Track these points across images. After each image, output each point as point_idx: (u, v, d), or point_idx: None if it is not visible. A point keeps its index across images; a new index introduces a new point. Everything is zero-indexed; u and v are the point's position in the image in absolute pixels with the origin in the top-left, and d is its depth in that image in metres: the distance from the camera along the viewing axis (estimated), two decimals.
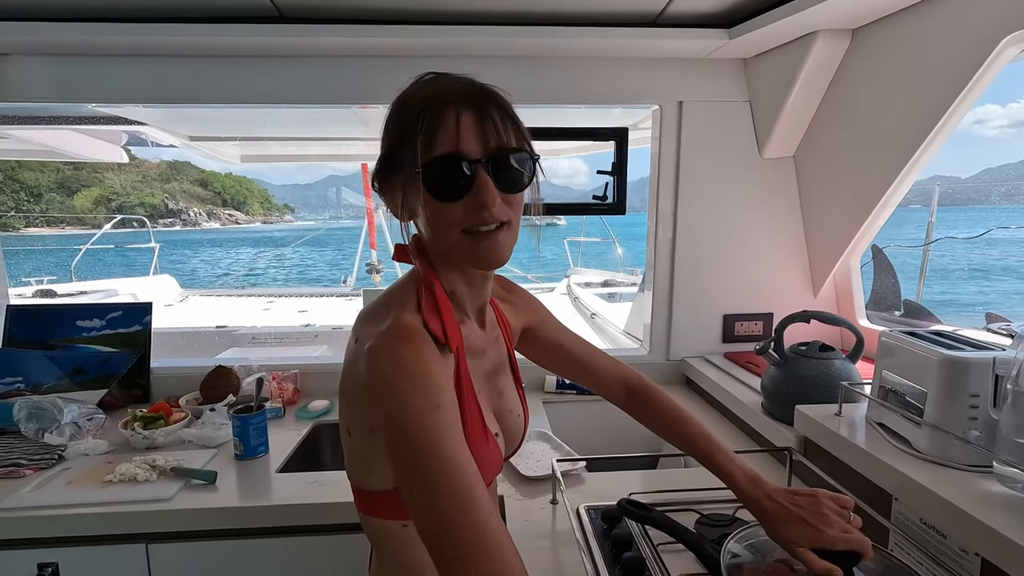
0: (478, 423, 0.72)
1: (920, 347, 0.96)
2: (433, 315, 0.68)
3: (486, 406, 0.76)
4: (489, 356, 0.80)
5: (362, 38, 1.50)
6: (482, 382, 0.77)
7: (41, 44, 1.56)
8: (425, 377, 0.62)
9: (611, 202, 1.79)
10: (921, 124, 1.28)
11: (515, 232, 0.69)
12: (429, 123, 0.64)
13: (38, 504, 1.16)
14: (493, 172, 0.65)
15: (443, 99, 0.65)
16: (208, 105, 1.73)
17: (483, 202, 0.64)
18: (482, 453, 0.70)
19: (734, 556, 0.80)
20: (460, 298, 0.74)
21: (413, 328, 0.65)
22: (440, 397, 0.62)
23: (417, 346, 0.63)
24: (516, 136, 0.67)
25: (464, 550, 0.56)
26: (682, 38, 1.55)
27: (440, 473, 0.59)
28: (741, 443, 1.46)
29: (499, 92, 0.70)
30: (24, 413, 1.42)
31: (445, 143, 0.63)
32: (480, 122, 0.64)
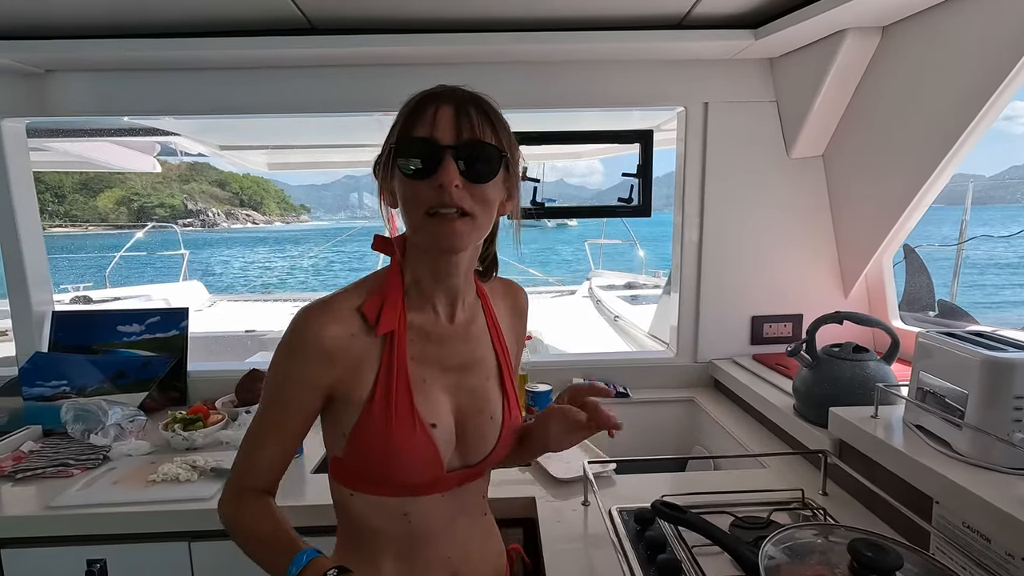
0: (404, 406, 0.75)
1: (960, 348, 0.95)
2: (375, 299, 0.76)
3: (434, 396, 0.78)
4: (453, 351, 0.81)
5: (391, 47, 1.53)
6: (435, 371, 0.79)
7: (83, 61, 1.62)
8: (294, 348, 0.73)
9: (636, 204, 1.79)
10: (956, 121, 1.26)
11: (479, 226, 0.73)
12: (411, 111, 0.73)
13: (87, 503, 1.20)
14: (460, 160, 0.70)
15: (430, 96, 0.73)
16: (240, 116, 1.78)
17: (442, 182, 0.68)
18: (405, 437, 0.74)
19: (772, 559, 0.80)
20: (426, 288, 0.78)
21: (333, 307, 0.75)
22: (292, 369, 0.73)
23: (315, 322, 0.73)
24: (491, 134, 0.72)
25: None
26: (708, 39, 1.54)
27: (252, 423, 0.77)
28: (773, 445, 1.44)
29: (487, 98, 0.76)
30: (71, 415, 1.47)
31: (422, 129, 0.71)
32: (456, 115, 0.71)
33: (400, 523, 0.78)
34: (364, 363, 0.74)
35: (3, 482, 1.30)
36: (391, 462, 0.75)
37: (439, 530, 0.81)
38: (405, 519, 0.78)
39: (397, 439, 0.74)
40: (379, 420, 0.74)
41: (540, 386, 1.59)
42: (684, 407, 1.83)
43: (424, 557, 0.81)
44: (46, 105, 1.70)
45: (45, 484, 1.29)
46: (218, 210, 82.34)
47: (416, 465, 0.76)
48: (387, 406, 0.74)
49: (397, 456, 0.74)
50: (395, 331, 0.76)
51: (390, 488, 0.77)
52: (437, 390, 0.79)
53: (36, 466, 1.34)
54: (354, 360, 0.74)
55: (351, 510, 0.79)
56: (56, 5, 1.37)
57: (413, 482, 0.77)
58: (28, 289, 1.77)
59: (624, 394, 1.81)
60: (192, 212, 78.35)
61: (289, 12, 1.42)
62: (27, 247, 1.76)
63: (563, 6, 1.44)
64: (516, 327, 0.93)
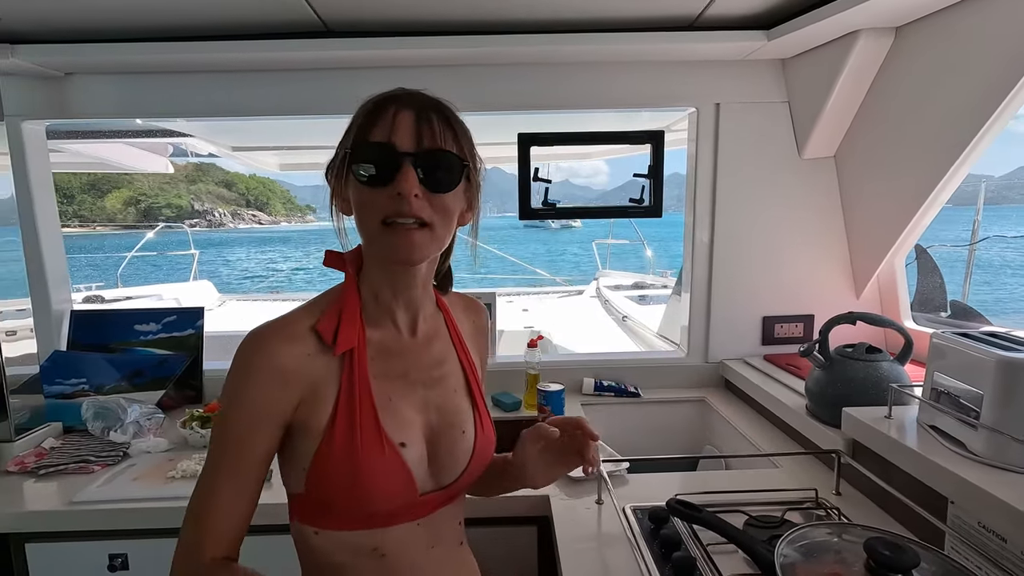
0: (370, 426, 0.70)
1: (975, 348, 0.95)
2: (331, 318, 0.71)
3: (401, 413, 0.73)
4: (417, 364, 0.77)
5: (405, 49, 1.55)
6: (399, 388, 0.74)
7: (101, 64, 1.65)
8: (249, 375, 0.67)
9: (648, 205, 1.79)
10: (969, 122, 1.26)
11: (438, 237, 0.70)
12: (369, 114, 0.69)
13: (108, 498, 1.22)
14: (420, 168, 0.67)
15: (389, 99, 0.69)
16: (255, 117, 1.80)
17: (401, 190, 0.65)
18: (374, 460, 0.69)
19: (787, 557, 0.81)
20: (384, 302, 0.75)
21: (288, 327, 0.70)
22: (249, 399, 0.67)
23: (270, 345, 0.68)
24: (453, 142, 0.70)
25: None
26: (720, 40, 1.55)
27: (206, 465, 0.68)
28: (785, 445, 1.45)
29: (449, 105, 0.73)
30: (91, 412, 1.50)
31: (380, 134, 0.67)
32: (417, 122, 0.68)
33: (372, 561, 0.72)
34: (323, 385, 0.69)
35: (26, 478, 1.33)
36: (360, 489, 0.68)
37: (415, 564, 0.74)
38: (376, 554, 0.71)
39: (365, 462, 0.68)
40: (343, 445, 0.68)
41: (552, 385, 1.60)
42: (695, 407, 1.83)
43: None
44: (65, 108, 1.73)
45: (67, 480, 1.31)
46: (224, 210, 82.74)
47: (387, 490, 0.70)
48: (351, 428, 0.68)
49: (366, 481, 0.68)
50: (354, 348, 0.71)
51: (360, 520, 0.71)
52: (404, 407, 0.74)
53: (58, 462, 1.36)
54: (312, 383, 0.69)
55: (316, 552, 0.72)
56: (76, 9, 1.40)
57: (385, 509, 0.71)
58: (48, 288, 1.80)
59: (635, 394, 1.82)
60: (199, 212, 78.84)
61: (305, 15, 1.44)
62: (47, 247, 1.79)
63: (576, 8, 1.45)
64: (479, 344, 0.90)
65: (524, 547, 1.25)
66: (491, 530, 1.22)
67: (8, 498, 1.24)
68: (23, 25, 1.48)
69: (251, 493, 0.69)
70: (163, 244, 9.78)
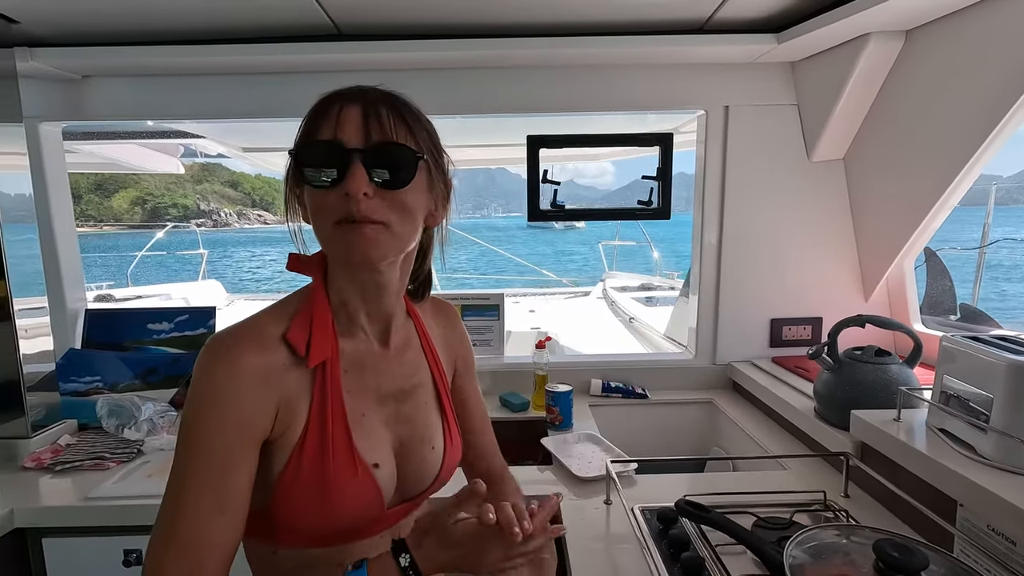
0: (343, 446, 0.66)
1: (985, 352, 0.95)
2: (302, 326, 0.66)
3: (373, 431, 0.70)
4: (389, 378, 0.74)
5: (416, 52, 1.56)
6: (371, 403, 0.71)
7: (117, 66, 1.67)
8: (228, 384, 0.61)
9: (656, 207, 1.80)
10: (980, 125, 1.26)
11: (396, 235, 0.65)
12: (314, 112, 0.65)
13: (124, 494, 1.24)
14: (369, 165, 0.62)
15: (335, 95, 0.66)
16: (267, 119, 1.82)
17: (348, 190, 0.61)
18: (345, 483, 0.65)
19: (796, 558, 0.81)
20: (352, 310, 0.71)
21: (257, 334, 0.64)
22: (234, 411, 0.60)
23: (242, 353, 0.62)
24: (407, 135, 0.65)
25: None
26: (730, 44, 1.55)
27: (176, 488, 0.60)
28: (793, 448, 1.45)
29: (403, 97, 0.69)
30: (106, 410, 1.52)
31: (326, 131, 0.63)
32: (364, 116, 0.63)
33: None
34: (295, 399, 0.65)
35: (43, 474, 1.35)
36: (328, 510, 0.65)
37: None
38: (340, 570, 0.65)
39: (336, 484, 0.65)
40: (313, 464, 0.64)
41: (560, 386, 1.61)
42: (702, 409, 1.84)
43: None
44: (82, 109, 1.76)
45: (82, 476, 1.33)
46: (230, 210, 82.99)
47: (357, 510, 0.67)
48: (322, 447, 0.65)
49: (336, 502, 0.65)
50: (327, 361, 0.67)
51: (324, 538, 0.68)
52: (376, 424, 0.71)
53: (74, 459, 1.38)
54: (286, 396, 0.64)
55: (276, 570, 0.69)
56: (93, 13, 1.42)
57: (351, 527, 0.69)
58: (64, 286, 1.82)
59: (643, 395, 1.82)
60: (204, 212, 79.17)
61: (318, 19, 1.46)
62: (63, 246, 1.82)
63: (586, 12, 1.46)
64: (454, 347, 0.88)
65: None
66: None
67: (25, 493, 1.26)
68: (42, 28, 1.51)
69: (236, 522, 0.61)
70: (172, 244, 9.85)
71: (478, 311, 1.98)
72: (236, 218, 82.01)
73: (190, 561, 0.58)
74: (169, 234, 8.37)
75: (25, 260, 1.61)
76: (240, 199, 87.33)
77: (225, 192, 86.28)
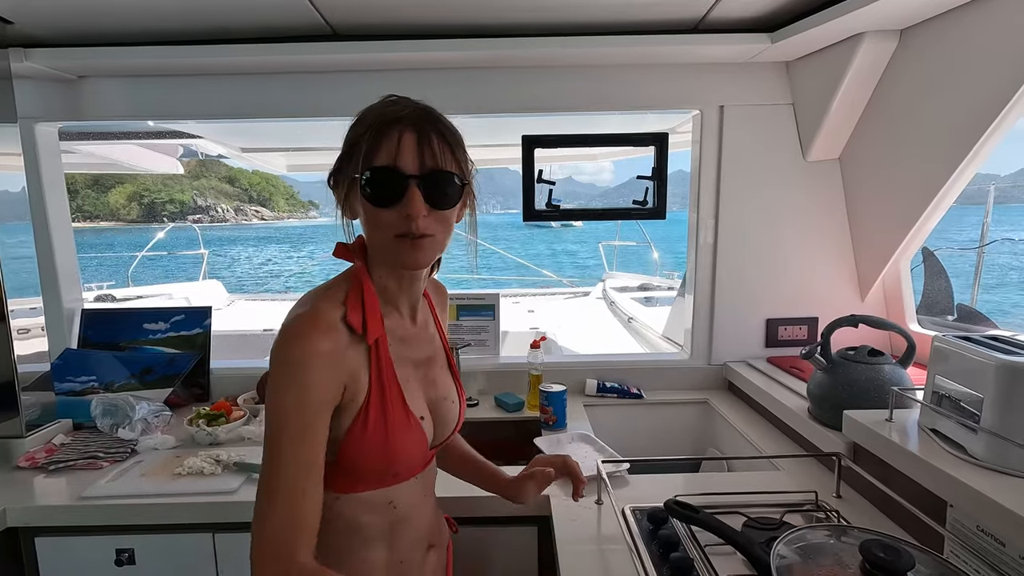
0: (399, 405, 0.80)
1: (976, 352, 0.95)
2: (356, 308, 0.77)
3: (415, 392, 0.84)
4: (420, 348, 0.88)
5: (411, 52, 1.56)
6: (411, 370, 0.84)
7: (113, 67, 1.67)
8: (305, 365, 0.70)
9: (652, 207, 1.80)
10: (975, 124, 1.26)
11: (440, 243, 0.78)
12: (375, 136, 0.74)
13: (117, 494, 1.25)
14: (424, 188, 0.73)
15: (392, 118, 0.74)
16: (264, 119, 1.82)
17: (410, 213, 0.72)
18: (403, 433, 0.79)
19: (784, 558, 0.81)
20: (391, 294, 0.83)
21: (324, 317, 0.74)
22: (310, 386, 0.71)
23: (314, 338, 0.72)
24: (451, 160, 0.76)
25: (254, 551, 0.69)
26: (724, 43, 1.55)
27: (272, 463, 0.70)
28: (786, 448, 1.45)
29: (443, 118, 0.78)
30: (100, 409, 1.52)
31: (385, 157, 0.73)
32: (419, 143, 0.73)
33: (387, 513, 0.83)
34: (358, 371, 0.76)
35: (37, 473, 1.35)
36: (392, 457, 0.79)
37: (416, 510, 0.87)
38: (391, 507, 0.83)
39: (398, 437, 0.79)
40: (377, 420, 0.77)
41: (554, 386, 1.61)
42: (697, 409, 1.83)
43: (407, 539, 0.86)
44: (78, 110, 1.76)
45: (76, 476, 1.34)
46: (227, 206, 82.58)
47: (412, 455, 0.82)
48: (384, 408, 0.78)
49: (399, 451, 0.79)
50: (379, 337, 0.79)
51: (381, 481, 0.81)
52: (416, 386, 0.85)
53: (68, 458, 1.39)
54: (352, 369, 0.76)
55: (336, 513, 0.80)
56: (88, 13, 1.42)
57: (404, 469, 0.82)
58: (59, 287, 1.83)
59: (638, 395, 1.82)
60: (202, 208, 78.89)
61: (312, 20, 1.46)
62: (58, 247, 1.82)
63: (580, 12, 1.46)
64: (444, 317, 1.01)
65: (524, 547, 1.26)
66: (491, 530, 1.23)
67: (18, 493, 1.27)
68: (37, 29, 1.51)
69: (322, 479, 0.73)
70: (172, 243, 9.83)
71: (474, 311, 1.98)
72: (234, 214, 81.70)
73: (294, 509, 0.69)
74: (168, 234, 8.38)
75: (21, 260, 1.61)
76: (237, 195, 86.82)
77: (222, 188, 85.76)
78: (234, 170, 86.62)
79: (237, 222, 78.95)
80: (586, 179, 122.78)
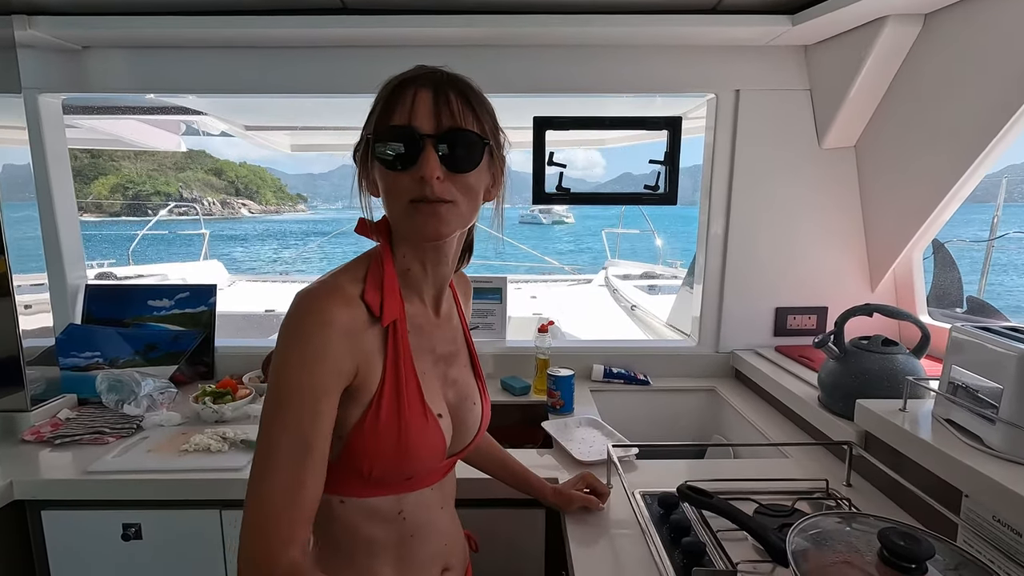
0: (416, 397, 0.72)
1: (996, 343, 0.94)
2: (375, 287, 0.71)
3: (434, 387, 0.77)
4: (442, 341, 0.80)
5: (423, 28, 1.53)
6: (429, 364, 0.77)
7: (120, 37, 1.64)
8: (319, 336, 0.64)
9: (663, 192, 1.78)
10: (996, 114, 1.23)
11: (462, 213, 0.70)
12: (389, 96, 0.68)
13: (123, 469, 1.24)
14: (440, 150, 0.67)
15: (409, 79, 0.69)
16: (270, 95, 1.79)
17: (423, 174, 0.66)
18: (419, 430, 0.72)
19: (799, 545, 0.80)
20: (414, 278, 0.76)
21: (342, 291, 0.68)
22: (322, 358, 0.64)
23: (331, 306, 0.66)
24: (473, 120, 0.69)
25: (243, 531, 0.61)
26: (743, 24, 1.52)
27: (269, 441, 0.63)
28: (795, 436, 1.44)
29: (468, 81, 0.72)
30: (105, 385, 1.51)
31: (400, 116, 0.67)
32: (436, 101, 0.67)
33: (395, 524, 0.75)
34: (373, 355, 0.70)
35: (42, 447, 1.35)
36: (403, 457, 0.71)
37: (430, 525, 0.79)
38: (400, 518, 0.75)
39: (413, 433, 0.71)
40: (390, 413, 0.69)
41: (562, 370, 1.60)
42: (705, 396, 1.83)
43: (418, 557, 0.78)
44: (82, 81, 1.73)
45: (82, 450, 1.33)
46: (213, 199, 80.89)
47: (428, 456, 0.73)
48: (397, 398, 0.70)
49: (411, 450, 0.71)
50: (397, 321, 0.73)
51: (392, 486, 0.73)
52: (434, 381, 0.77)
53: (73, 433, 1.38)
54: (367, 351, 0.69)
55: (339, 520, 0.73)
56: None
57: (418, 473, 0.74)
58: (64, 262, 1.81)
59: (645, 381, 1.82)
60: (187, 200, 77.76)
61: None
62: (63, 221, 1.80)
63: None
64: (467, 310, 0.95)
65: (533, 529, 1.25)
66: (500, 512, 1.23)
67: (24, 466, 1.26)
68: None
69: (323, 470, 0.65)
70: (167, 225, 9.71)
71: (481, 294, 1.96)
72: (220, 207, 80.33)
73: (288, 494, 0.62)
74: (163, 220, 8.33)
75: (25, 235, 1.59)
76: (224, 187, 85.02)
77: (209, 180, 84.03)
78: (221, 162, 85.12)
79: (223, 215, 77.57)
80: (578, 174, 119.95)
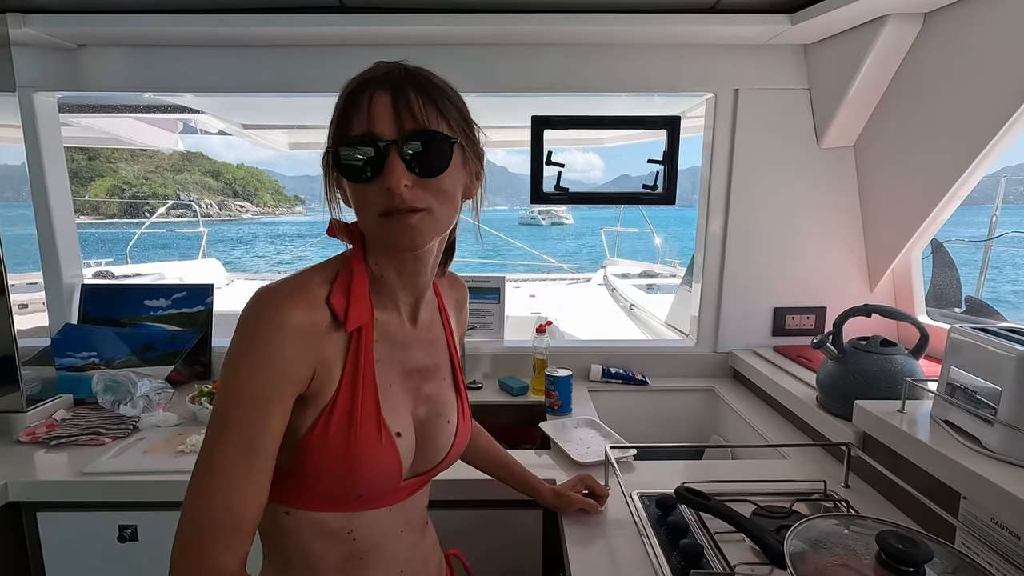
0: (370, 412, 0.68)
1: (995, 344, 0.93)
2: (341, 291, 0.67)
3: (398, 402, 0.72)
4: (415, 354, 0.75)
5: (420, 27, 1.52)
6: (396, 376, 0.73)
7: (115, 35, 1.63)
8: (274, 336, 0.61)
9: (661, 191, 1.77)
10: (995, 114, 1.23)
11: (437, 219, 0.66)
12: (345, 105, 0.64)
13: (120, 470, 1.24)
14: (406, 155, 0.62)
15: (362, 81, 0.64)
16: (268, 93, 1.78)
17: (389, 184, 0.61)
18: (369, 447, 0.67)
19: (797, 547, 0.80)
20: (388, 285, 0.72)
21: (306, 292, 0.65)
22: (276, 360, 0.61)
23: (290, 308, 0.62)
24: (438, 118, 0.64)
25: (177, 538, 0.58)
26: (742, 23, 1.51)
27: (214, 442, 0.59)
28: (793, 437, 1.44)
29: (427, 75, 0.67)
30: (101, 385, 1.51)
31: (358, 125, 0.62)
32: (395, 104, 0.62)
33: (343, 543, 0.70)
34: (332, 360, 0.66)
35: (38, 448, 1.34)
36: (350, 474, 0.66)
37: (384, 548, 0.73)
38: (349, 537, 0.70)
39: (361, 448, 0.66)
40: (341, 425, 0.65)
41: (560, 371, 1.59)
42: (702, 396, 1.83)
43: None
44: (78, 80, 1.72)
45: (78, 451, 1.32)
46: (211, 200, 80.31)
47: (376, 478, 0.68)
48: (351, 410, 0.66)
49: (358, 467, 0.66)
50: (362, 328, 0.68)
51: (338, 502, 0.68)
52: (400, 396, 0.73)
53: (69, 433, 1.37)
54: (325, 356, 0.65)
55: (284, 532, 0.69)
56: None
57: (368, 494, 0.69)
58: (59, 261, 1.80)
59: (643, 381, 1.81)
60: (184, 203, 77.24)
61: None
62: (58, 220, 1.80)
63: None
64: (460, 320, 0.90)
65: (530, 530, 1.25)
66: (497, 513, 1.23)
67: (20, 467, 1.25)
68: None
69: (268, 478, 0.61)
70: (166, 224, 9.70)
71: (479, 294, 1.96)
72: (218, 209, 79.90)
73: (226, 498, 0.58)
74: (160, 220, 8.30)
75: (21, 234, 1.59)
76: (221, 189, 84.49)
77: (206, 182, 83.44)
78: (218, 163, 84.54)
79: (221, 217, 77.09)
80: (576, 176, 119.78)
